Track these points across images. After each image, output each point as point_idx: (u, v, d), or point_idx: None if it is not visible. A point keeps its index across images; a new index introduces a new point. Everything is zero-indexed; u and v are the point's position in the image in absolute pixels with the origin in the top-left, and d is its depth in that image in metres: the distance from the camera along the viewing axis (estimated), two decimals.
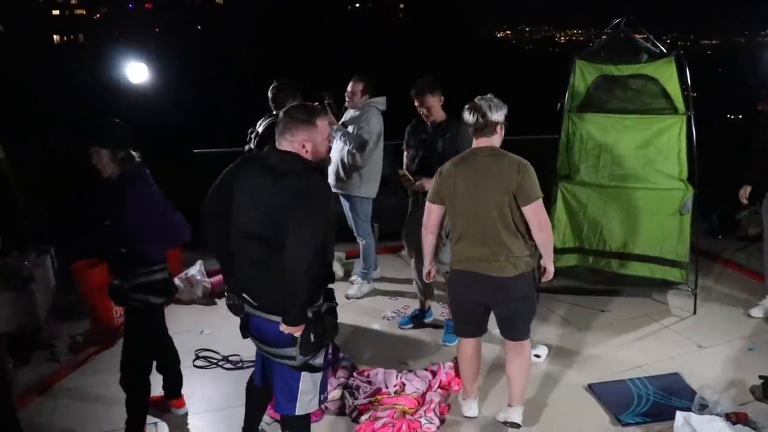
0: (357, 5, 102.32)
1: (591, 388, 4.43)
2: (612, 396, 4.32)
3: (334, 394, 4.14)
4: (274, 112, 4.97)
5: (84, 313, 5.26)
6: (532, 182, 3.57)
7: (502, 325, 3.90)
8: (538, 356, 4.80)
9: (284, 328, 2.92)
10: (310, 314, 2.96)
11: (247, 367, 4.67)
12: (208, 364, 4.77)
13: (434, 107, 4.83)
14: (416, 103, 4.86)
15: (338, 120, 5.66)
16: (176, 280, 5.79)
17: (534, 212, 3.57)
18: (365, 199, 5.85)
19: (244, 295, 3.18)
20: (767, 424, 3.87)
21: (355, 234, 6.06)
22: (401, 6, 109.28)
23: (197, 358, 4.81)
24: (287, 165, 2.97)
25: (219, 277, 6.05)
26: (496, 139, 3.71)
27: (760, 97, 7.70)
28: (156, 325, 3.88)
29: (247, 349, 4.83)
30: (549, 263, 3.72)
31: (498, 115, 3.67)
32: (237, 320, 5.35)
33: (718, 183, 6.53)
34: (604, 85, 5.84)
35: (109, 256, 3.72)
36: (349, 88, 5.68)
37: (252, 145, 5.03)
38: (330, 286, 3.17)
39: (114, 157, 3.48)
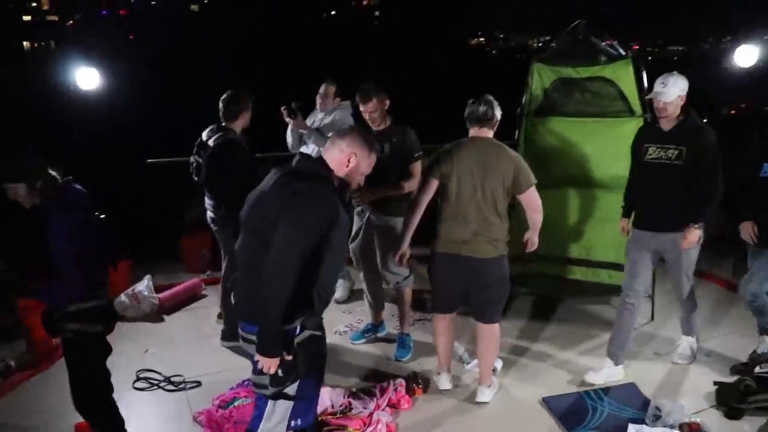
0: (332, 12, 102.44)
1: (545, 401, 4.30)
2: (566, 409, 4.19)
3: None
4: (223, 123, 4.79)
5: (20, 334, 5.02)
6: (527, 171, 4.07)
7: (476, 309, 4.26)
8: (493, 370, 4.66)
9: (258, 358, 2.78)
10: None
11: (190, 388, 4.50)
12: (149, 385, 4.56)
13: (379, 112, 4.61)
14: (361, 108, 4.66)
15: None
16: (122, 297, 5.63)
17: (529, 198, 4.10)
18: None
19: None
20: (717, 429, 3.83)
21: None
22: (376, 14, 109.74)
23: (138, 379, 4.61)
24: (305, 166, 2.94)
25: (167, 293, 5.88)
26: (491, 134, 4.16)
27: (725, 101, 7.72)
28: (100, 353, 3.58)
29: (192, 369, 4.68)
30: (535, 236, 4.26)
31: (499, 113, 4.17)
32: (183, 339, 5.29)
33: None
34: (562, 88, 5.75)
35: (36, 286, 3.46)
36: (321, 90, 5.61)
37: (198, 158, 4.84)
38: (320, 314, 2.98)
39: (32, 188, 3.24)
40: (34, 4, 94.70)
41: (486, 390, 4.31)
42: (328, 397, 4.18)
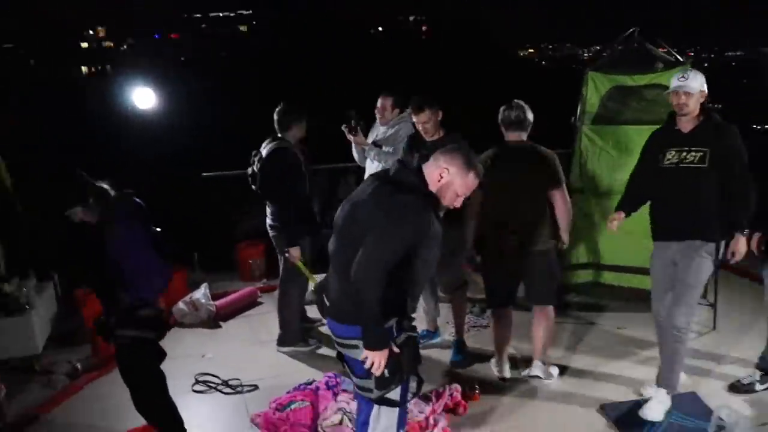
0: (380, 29, 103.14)
1: (604, 408, 4.23)
2: (625, 417, 4.10)
3: (333, 418, 3.98)
4: (279, 135, 4.88)
5: (85, 339, 5.17)
6: (559, 170, 4.35)
7: (531, 293, 4.58)
8: (551, 375, 4.62)
9: (366, 354, 2.78)
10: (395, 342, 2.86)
11: (247, 391, 4.55)
12: (206, 388, 4.63)
13: (432, 123, 4.59)
14: (414, 119, 4.68)
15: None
16: (180, 304, 5.73)
17: (561, 195, 4.36)
18: None
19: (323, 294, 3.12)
20: None
21: None
22: (423, 28, 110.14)
23: (196, 382, 4.68)
24: (403, 177, 2.90)
25: (223, 300, 5.97)
26: (525, 136, 4.34)
27: None
28: (155, 358, 3.66)
29: (249, 373, 4.74)
30: (566, 235, 4.49)
31: (531, 116, 4.33)
32: (240, 344, 5.37)
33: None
34: (618, 96, 5.71)
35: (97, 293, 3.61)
36: (378, 104, 5.56)
37: (255, 168, 4.92)
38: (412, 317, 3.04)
39: (87, 208, 3.37)
40: (91, 32, 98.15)
41: (539, 365, 4.60)
42: None
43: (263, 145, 4.92)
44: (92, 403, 4.52)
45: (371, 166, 5.54)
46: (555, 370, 4.68)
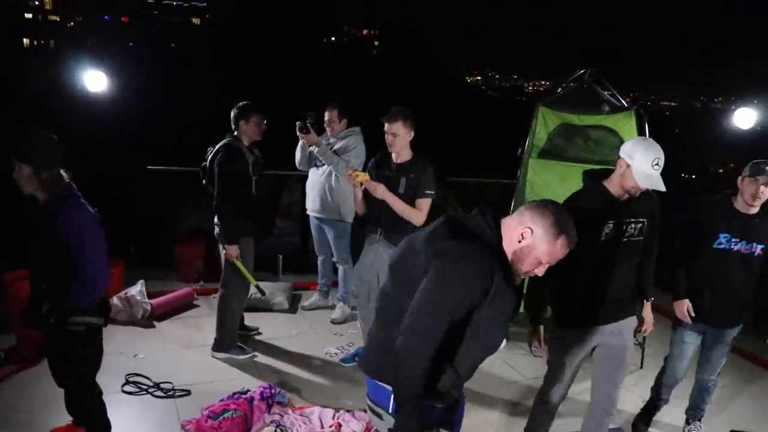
0: (333, 38, 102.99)
1: None
2: None
3: (267, 430, 3.96)
4: (235, 133, 4.87)
5: (10, 327, 4.99)
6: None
7: None
8: None
9: None
10: None
11: (179, 396, 4.48)
12: (137, 390, 4.54)
13: (401, 137, 4.41)
14: (385, 128, 4.52)
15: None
16: (115, 299, 5.61)
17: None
18: (348, 224, 5.85)
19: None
20: None
21: (336, 260, 6.02)
22: (376, 43, 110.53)
23: (126, 383, 4.58)
24: (470, 221, 2.41)
25: (159, 300, 5.87)
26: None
27: (716, 160, 7.88)
28: (100, 344, 3.53)
29: (181, 377, 4.67)
30: None
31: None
32: (174, 346, 5.28)
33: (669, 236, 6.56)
34: (565, 133, 5.86)
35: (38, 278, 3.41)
36: (326, 117, 5.66)
37: (207, 163, 4.89)
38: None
39: (36, 175, 3.15)
40: (36, 3, 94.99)
41: None
42: (317, 417, 4.19)
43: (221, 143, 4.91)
44: (13, 398, 4.35)
45: (315, 174, 5.59)
46: None
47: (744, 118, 7.81)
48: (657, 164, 3.24)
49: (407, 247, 2.49)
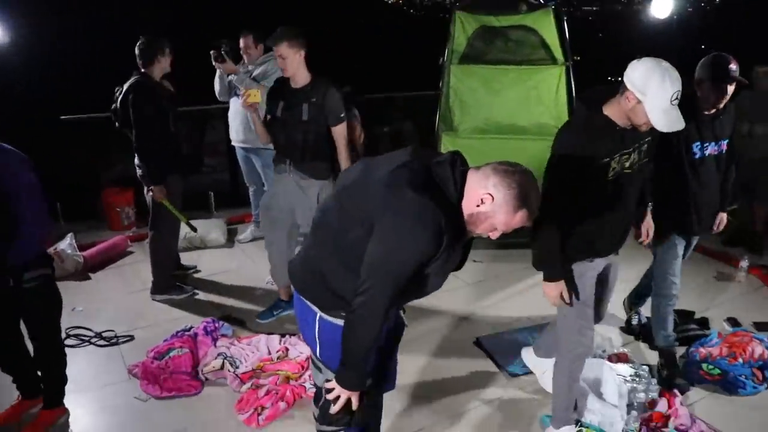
0: None
1: (479, 341, 4.40)
2: (500, 348, 4.29)
3: (214, 363, 3.94)
4: (142, 70, 4.65)
5: None
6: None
7: None
8: None
9: (332, 385, 2.39)
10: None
11: (123, 342, 4.41)
12: (79, 342, 4.44)
13: (290, 59, 4.12)
14: (273, 54, 4.34)
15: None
16: None
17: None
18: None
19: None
20: (644, 358, 4.01)
21: (267, 187, 5.78)
22: None
23: (67, 336, 4.45)
24: (440, 172, 2.22)
25: (91, 251, 5.71)
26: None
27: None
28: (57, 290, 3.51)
29: (123, 324, 4.59)
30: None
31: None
32: (112, 295, 5.17)
33: None
34: (485, 37, 5.81)
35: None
36: (241, 44, 5.45)
37: (117, 104, 4.68)
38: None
39: None
40: None
41: None
42: (264, 344, 4.17)
43: (129, 82, 4.69)
44: None
45: (235, 103, 5.44)
46: None
47: (660, 7, 7.89)
48: (676, 98, 2.68)
49: (362, 178, 2.30)
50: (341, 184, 2.40)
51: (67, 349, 4.22)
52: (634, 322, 4.51)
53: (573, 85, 5.56)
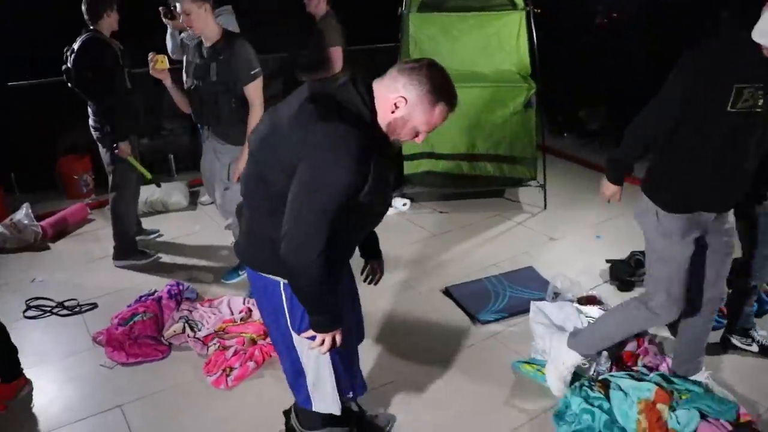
0: None
1: (448, 290, 4.38)
2: (469, 296, 4.27)
3: (175, 327, 3.86)
4: (91, 27, 4.47)
5: None
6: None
7: None
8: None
9: (308, 334, 2.31)
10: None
11: (86, 310, 4.30)
12: (41, 313, 4.33)
13: (195, 15, 3.82)
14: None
15: None
16: (0, 227, 5.27)
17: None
18: None
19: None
20: (613, 302, 3.95)
21: None
22: None
23: (28, 308, 4.36)
24: (344, 95, 2.12)
25: (49, 220, 5.56)
26: None
27: (599, 12, 7.88)
28: None
29: (85, 292, 4.49)
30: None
31: None
32: (73, 264, 5.06)
33: (558, 82, 6.67)
34: None
35: None
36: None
37: (69, 63, 4.51)
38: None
39: None
40: None
41: None
42: (226, 306, 4.11)
43: (76, 40, 4.51)
44: None
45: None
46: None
47: None
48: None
49: (269, 131, 2.19)
50: (253, 146, 2.28)
51: (28, 322, 4.23)
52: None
53: (534, 31, 5.47)
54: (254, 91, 3.93)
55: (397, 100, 2.10)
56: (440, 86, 2.10)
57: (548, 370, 3.32)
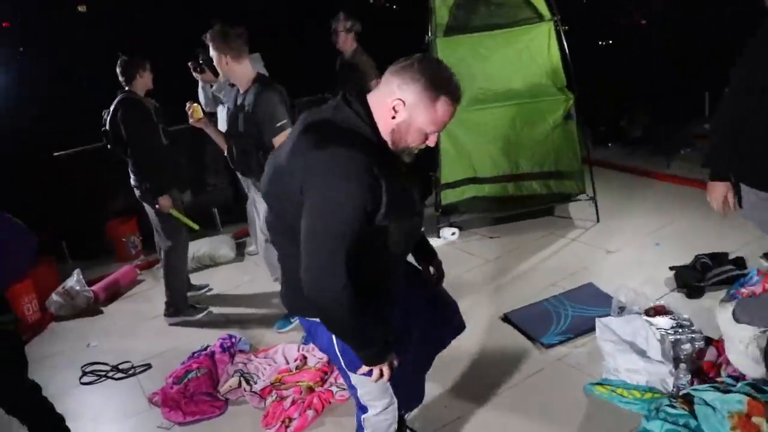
0: None
1: (507, 317, 4.20)
2: (529, 320, 4.09)
3: (230, 382, 3.77)
4: (126, 88, 4.53)
5: None
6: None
7: None
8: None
9: (363, 370, 2.21)
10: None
11: (140, 372, 4.26)
12: (96, 378, 4.29)
13: (218, 65, 3.86)
14: None
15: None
16: (54, 296, 5.35)
17: None
18: None
19: None
20: (684, 310, 3.73)
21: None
22: None
23: (84, 374, 4.33)
24: (339, 116, 2.05)
25: (100, 284, 5.58)
26: None
27: (628, 14, 7.74)
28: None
29: (139, 354, 4.45)
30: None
31: None
32: (125, 326, 5.03)
33: (596, 92, 6.54)
34: (466, 5, 5.56)
35: None
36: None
37: (107, 126, 4.56)
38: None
39: None
40: None
41: None
42: (281, 355, 4.01)
43: (113, 102, 4.57)
44: None
45: (222, 112, 5.24)
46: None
47: None
48: None
49: (273, 171, 2.14)
50: (263, 190, 2.24)
51: (85, 388, 4.19)
52: None
53: (564, 41, 5.33)
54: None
55: (394, 103, 1.99)
56: (437, 79, 1.99)
57: (729, 351, 3.03)
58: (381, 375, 2.17)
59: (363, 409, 2.45)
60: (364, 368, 2.17)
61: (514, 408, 3.36)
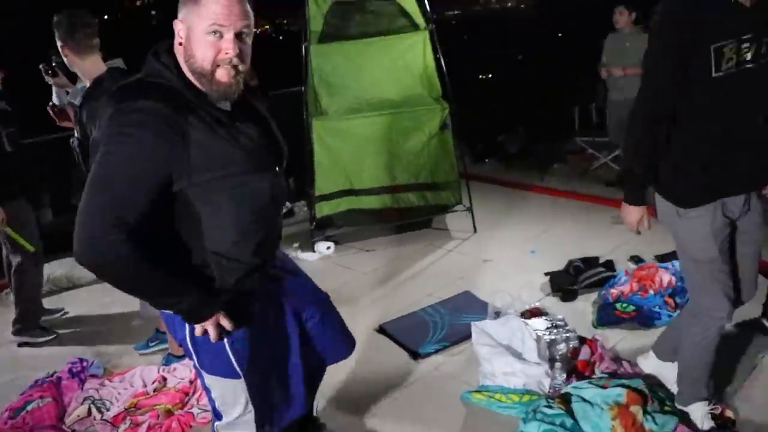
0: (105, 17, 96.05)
1: (382, 328, 4.02)
2: (405, 331, 3.93)
3: (78, 411, 3.37)
4: None
5: None
6: None
7: None
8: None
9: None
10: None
11: None
12: None
13: (69, 62, 3.69)
14: None
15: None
16: None
17: None
18: None
19: None
20: (558, 312, 3.73)
21: None
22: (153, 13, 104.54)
23: None
24: (149, 68, 1.89)
25: None
26: None
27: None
28: None
29: None
30: None
31: None
32: None
33: (475, 111, 6.63)
34: (340, 13, 5.45)
35: None
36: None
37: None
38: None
39: None
40: None
41: None
42: (138, 377, 3.63)
43: None
44: None
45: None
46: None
47: None
48: None
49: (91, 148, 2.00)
50: None
51: None
52: None
53: (439, 50, 5.29)
54: None
55: (176, 29, 1.87)
56: None
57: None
58: (205, 332, 1.95)
59: (218, 416, 2.21)
60: (197, 329, 1.95)
61: (393, 420, 3.18)
